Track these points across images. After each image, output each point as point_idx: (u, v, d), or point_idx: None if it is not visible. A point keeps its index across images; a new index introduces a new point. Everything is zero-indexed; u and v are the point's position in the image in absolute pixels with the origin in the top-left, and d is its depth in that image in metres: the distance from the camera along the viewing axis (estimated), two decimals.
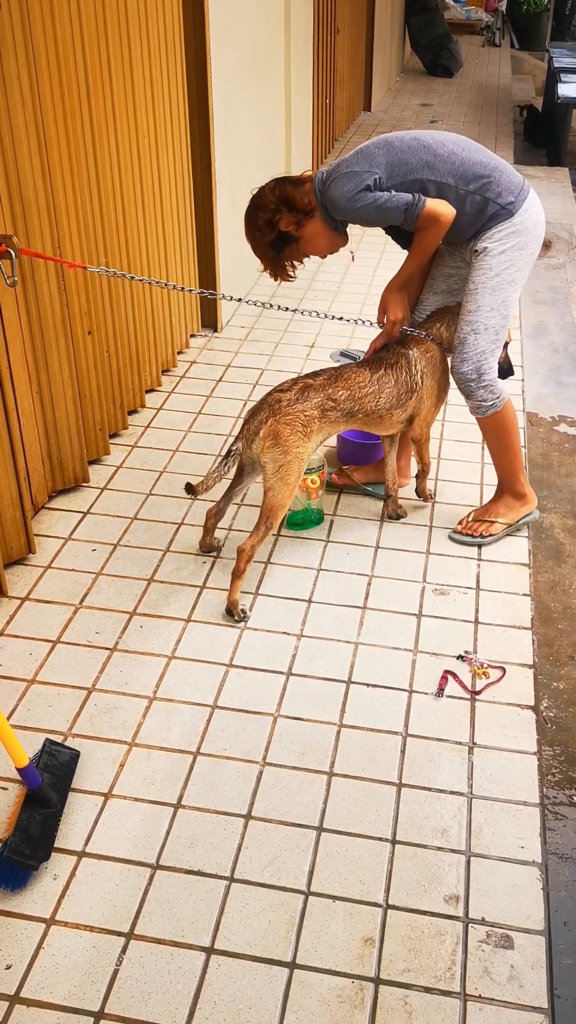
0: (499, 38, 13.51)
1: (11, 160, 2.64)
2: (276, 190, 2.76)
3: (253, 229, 2.82)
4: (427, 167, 2.65)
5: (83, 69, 2.93)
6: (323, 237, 2.84)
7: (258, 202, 2.79)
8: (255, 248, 2.87)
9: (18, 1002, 1.76)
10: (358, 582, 2.86)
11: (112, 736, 2.32)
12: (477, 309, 2.77)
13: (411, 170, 2.65)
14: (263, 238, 2.81)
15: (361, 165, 2.66)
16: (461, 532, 3.05)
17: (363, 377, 2.82)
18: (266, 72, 4.85)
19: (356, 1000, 1.78)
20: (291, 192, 2.75)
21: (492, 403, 2.87)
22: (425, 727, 2.36)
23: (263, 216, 2.77)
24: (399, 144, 2.68)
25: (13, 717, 2.37)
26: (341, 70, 7.48)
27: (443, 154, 2.67)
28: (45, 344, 2.96)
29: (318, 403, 2.73)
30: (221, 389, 3.97)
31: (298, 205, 2.75)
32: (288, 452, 2.67)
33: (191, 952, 1.85)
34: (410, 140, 2.68)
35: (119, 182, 3.31)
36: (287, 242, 2.82)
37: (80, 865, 2.01)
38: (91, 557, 2.94)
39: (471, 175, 2.67)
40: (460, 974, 1.83)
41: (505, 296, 2.76)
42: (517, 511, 3.07)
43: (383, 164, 2.65)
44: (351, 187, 2.64)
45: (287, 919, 1.91)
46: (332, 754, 2.28)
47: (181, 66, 3.72)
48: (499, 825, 2.12)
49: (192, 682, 2.48)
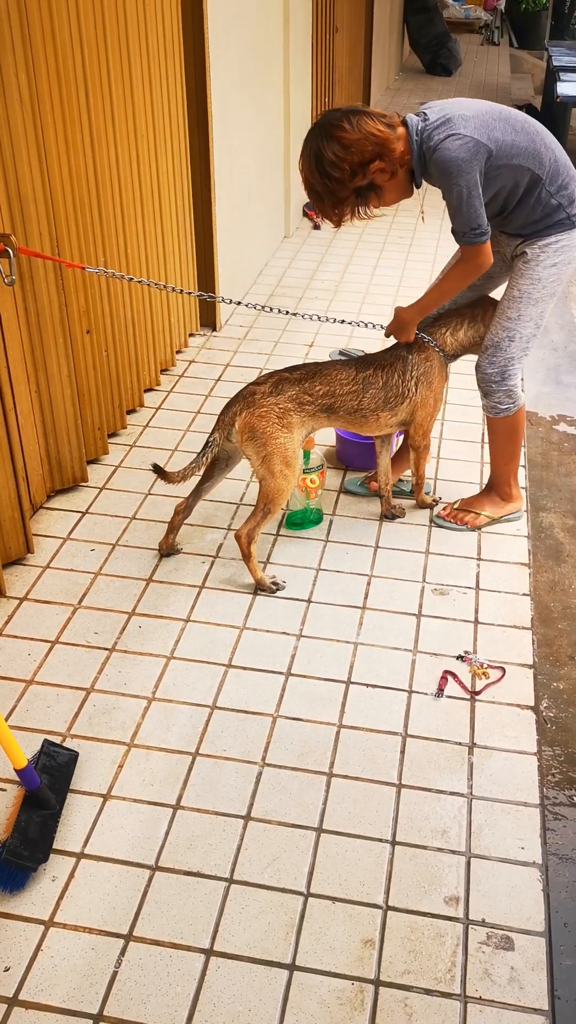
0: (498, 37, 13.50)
1: (9, 159, 2.63)
2: (363, 123, 2.40)
3: (335, 170, 2.43)
4: (534, 157, 2.51)
5: (82, 68, 2.92)
6: (400, 191, 2.60)
7: (341, 136, 2.41)
8: (329, 191, 2.50)
9: (17, 1004, 1.76)
10: (357, 582, 2.85)
11: (111, 737, 2.31)
12: (518, 318, 2.72)
13: (518, 154, 2.48)
14: (347, 183, 2.46)
15: (480, 133, 2.42)
16: (446, 518, 3.09)
17: (345, 375, 2.79)
18: (265, 71, 4.84)
19: (356, 1002, 1.77)
20: (384, 134, 2.43)
21: (508, 407, 2.89)
22: (425, 727, 2.36)
23: (354, 157, 2.42)
24: (514, 123, 2.50)
25: (11, 718, 2.36)
26: (340, 69, 7.46)
27: (548, 146, 2.55)
28: (44, 344, 2.95)
29: (292, 396, 2.71)
30: (220, 389, 3.96)
31: (395, 152, 2.46)
32: (268, 444, 2.67)
33: (190, 954, 1.85)
34: (523, 122, 2.52)
35: (118, 181, 3.30)
36: (369, 191, 2.53)
37: (79, 866, 2.00)
38: (90, 557, 2.94)
39: (560, 177, 2.57)
40: (460, 976, 1.82)
41: (544, 307, 2.74)
42: (502, 508, 3.10)
43: (498, 140, 2.45)
44: (466, 155, 2.40)
45: (287, 920, 1.91)
46: (331, 755, 2.27)
47: (180, 65, 3.71)
48: (499, 826, 2.11)
49: (191, 682, 2.47)
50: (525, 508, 3.17)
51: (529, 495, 3.29)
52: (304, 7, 5.50)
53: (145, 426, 3.65)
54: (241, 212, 4.65)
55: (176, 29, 3.64)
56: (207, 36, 3.82)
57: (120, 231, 3.37)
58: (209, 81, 3.90)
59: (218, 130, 4.07)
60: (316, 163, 2.47)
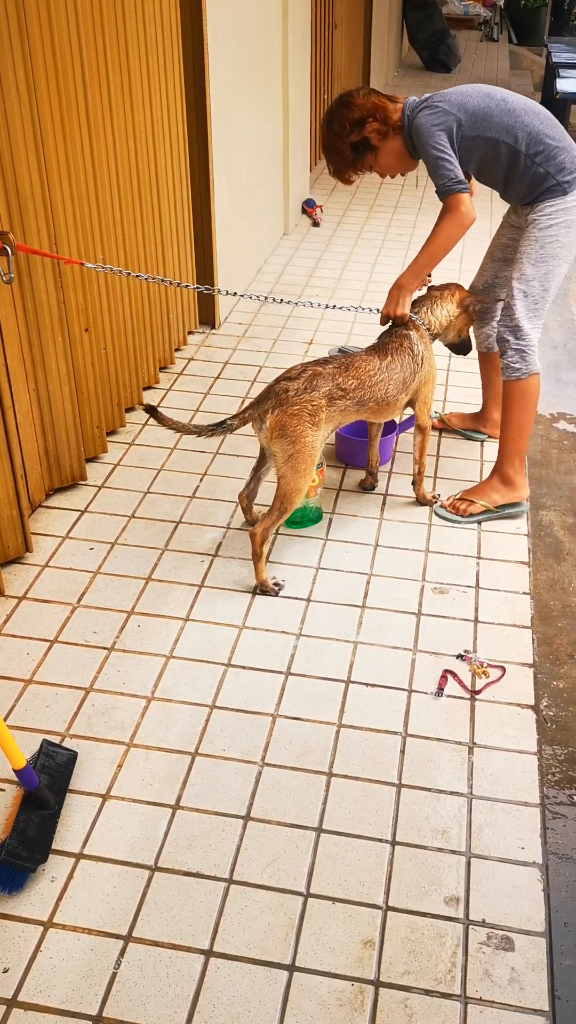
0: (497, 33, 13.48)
1: (7, 155, 2.62)
2: (371, 96, 2.87)
3: (337, 125, 2.89)
4: (507, 131, 2.79)
5: (80, 63, 2.90)
6: (397, 157, 2.95)
7: (349, 101, 2.87)
8: (332, 144, 2.93)
9: (16, 1005, 1.75)
10: (357, 581, 2.85)
11: (110, 736, 2.30)
12: (520, 276, 2.89)
13: (491, 127, 2.78)
14: (345, 137, 2.88)
15: (452, 105, 2.79)
16: (446, 508, 3.15)
17: (373, 366, 2.83)
18: (264, 67, 4.83)
19: (356, 1003, 1.77)
20: (384, 103, 2.87)
21: (517, 369, 2.95)
22: (425, 727, 2.35)
23: (354, 114, 2.85)
24: (493, 99, 2.81)
25: (10, 718, 2.35)
26: (339, 65, 7.45)
27: (524, 123, 2.79)
28: (42, 341, 2.94)
29: (327, 392, 2.72)
30: (219, 386, 3.95)
31: (389, 117, 2.87)
32: (296, 442, 2.66)
33: (190, 955, 1.84)
34: (501, 99, 2.83)
35: (116, 176, 3.29)
36: (365, 148, 2.91)
37: (78, 867, 2.00)
38: (88, 556, 2.93)
39: (540, 146, 2.79)
40: (460, 976, 1.82)
41: (548, 269, 2.87)
42: (502, 495, 3.10)
43: (471, 110, 2.78)
44: (435, 121, 2.77)
45: (286, 921, 1.90)
46: (331, 754, 2.27)
47: (179, 60, 3.70)
48: (499, 825, 2.11)
49: (190, 682, 2.47)
50: (527, 505, 3.15)
51: (529, 493, 3.28)
52: (303, 3, 5.48)
53: (144, 424, 3.64)
54: (240, 209, 4.64)
55: (174, 26, 3.63)
56: (206, 32, 3.81)
57: (119, 227, 3.36)
58: (208, 77, 3.88)
59: (217, 126, 4.06)
60: (327, 119, 2.94)
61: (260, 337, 4.37)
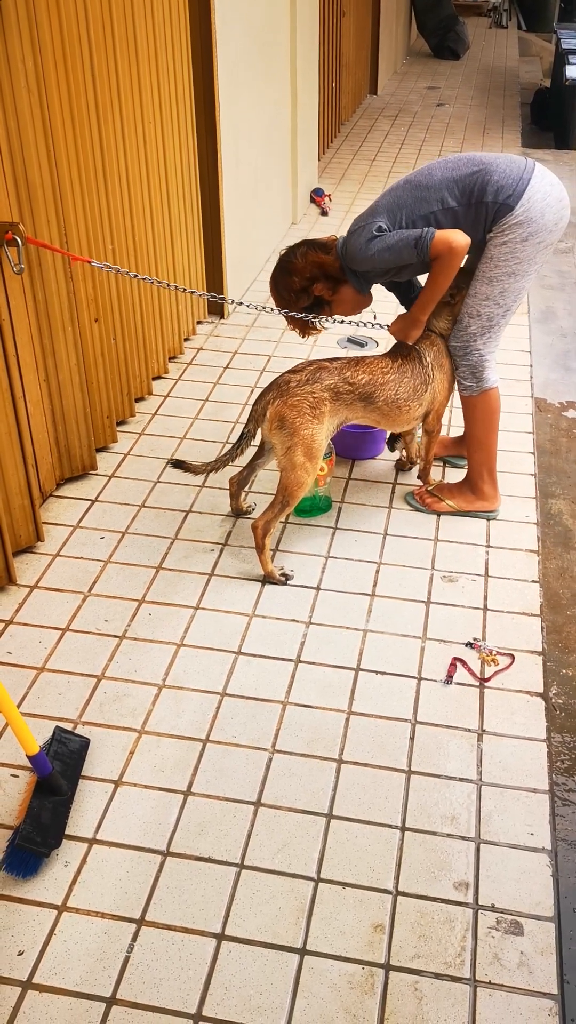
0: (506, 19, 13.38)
1: (16, 145, 2.62)
2: (308, 256, 2.87)
3: (287, 293, 2.93)
4: (423, 202, 2.73)
5: (88, 54, 2.91)
6: (351, 300, 2.96)
7: (290, 267, 2.89)
8: (286, 307, 2.97)
9: (31, 988, 1.78)
10: (366, 569, 2.86)
11: (122, 724, 2.32)
12: (474, 295, 2.84)
13: (412, 209, 2.73)
14: (297, 303, 2.93)
15: (366, 219, 2.78)
16: (415, 496, 3.15)
17: (385, 363, 2.85)
18: (272, 56, 4.81)
19: (366, 986, 1.79)
20: (323, 259, 2.87)
21: (469, 387, 2.95)
22: (434, 714, 2.36)
23: (298, 282, 2.89)
24: (395, 190, 2.79)
25: (23, 705, 2.37)
26: (347, 53, 7.42)
27: (433, 182, 2.73)
28: (52, 332, 2.95)
29: (331, 385, 2.72)
30: (228, 376, 3.96)
31: (331, 271, 2.88)
32: (295, 434, 2.67)
33: (202, 938, 1.86)
34: (402, 183, 2.79)
35: (125, 167, 3.29)
36: (318, 305, 2.96)
37: (91, 852, 2.02)
38: (99, 545, 2.94)
39: (467, 189, 2.70)
40: (470, 960, 1.83)
41: (504, 287, 2.79)
42: (471, 504, 3.10)
43: (383, 211, 2.75)
44: (363, 239, 2.74)
45: (297, 905, 1.92)
46: (341, 741, 2.28)
47: (187, 49, 3.70)
48: (508, 812, 2.12)
49: (201, 669, 2.49)
50: (497, 513, 3.10)
51: (538, 481, 3.28)
52: None
53: (154, 414, 3.66)
54: (248, 197, 4.63)
55: (182, 13, 3.62)
56: (213, 21, 3.80)
57: (128, 216, 3.37)
58: (216, 66, 3.88)
59: (225, 116, 4.06)
60: (273, 285, 2.98)
61: (269, 327, 4.37)
